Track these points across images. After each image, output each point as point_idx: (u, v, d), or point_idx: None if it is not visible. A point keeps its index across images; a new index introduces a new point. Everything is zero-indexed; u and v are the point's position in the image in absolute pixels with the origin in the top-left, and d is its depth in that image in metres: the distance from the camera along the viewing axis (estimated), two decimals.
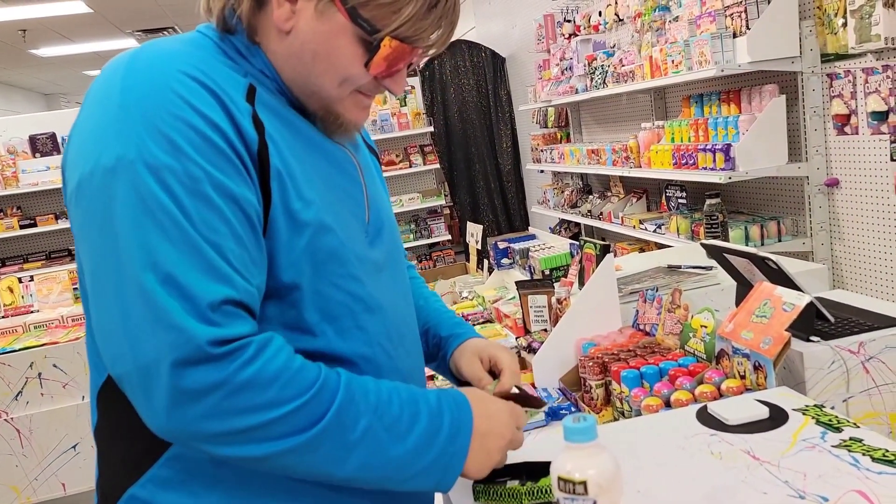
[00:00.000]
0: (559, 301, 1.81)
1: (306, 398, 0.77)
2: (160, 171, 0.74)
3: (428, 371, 2.07)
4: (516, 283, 1.94)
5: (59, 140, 5.96)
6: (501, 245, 2.58)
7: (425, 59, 0.93)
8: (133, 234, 0.73)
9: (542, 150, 5.25)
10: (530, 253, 2.38)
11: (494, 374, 1.13)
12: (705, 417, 1.15)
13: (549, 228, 5.60)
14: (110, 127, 0.76)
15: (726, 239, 2.31)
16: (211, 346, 0.72)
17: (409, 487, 0.84)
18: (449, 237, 6.94)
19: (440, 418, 0.85)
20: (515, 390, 1.11)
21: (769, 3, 2.71)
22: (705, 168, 3.00)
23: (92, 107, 0.79)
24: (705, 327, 1.44)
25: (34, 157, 5.89)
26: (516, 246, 2.54)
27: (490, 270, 2.66)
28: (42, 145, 5.92)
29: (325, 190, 0.89)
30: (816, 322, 1.39)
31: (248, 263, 0.79)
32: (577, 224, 5.08)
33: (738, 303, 1.64)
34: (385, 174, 6.69)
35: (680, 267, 2.03)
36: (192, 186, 0.74)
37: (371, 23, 0.83)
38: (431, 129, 6.68)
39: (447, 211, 7.27)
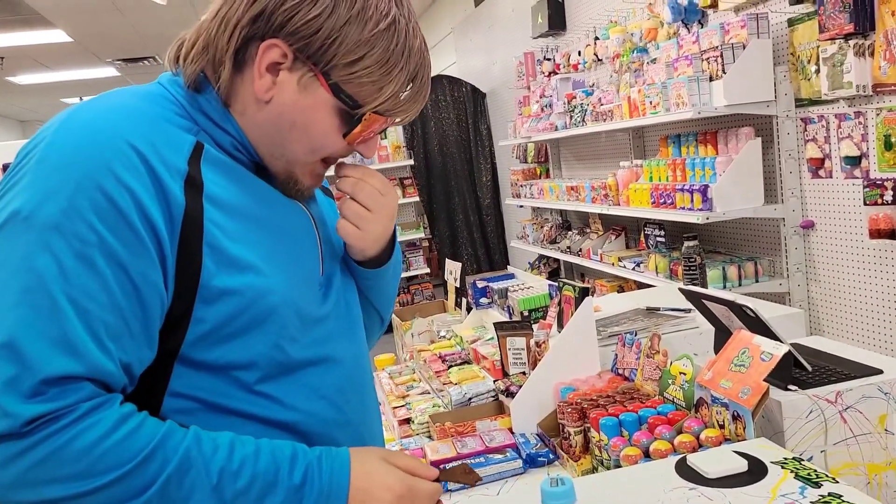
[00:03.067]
0: (538, 344, 1.80)
1: (125, 470, 0.73)
2: (49, 230, 0.72)
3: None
4: (494, 324, 1.93)
5: None
6: (480, 284, 2.57)
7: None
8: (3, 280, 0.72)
9: (521, 185, 5.28)
10: (509, 293, 2.37)
11: None
12: (685, 470, 1.13)
13: (529, 263, 5.61)
14: (22, 179, 0.75)
15: (704, 280, 2.33)
16: (24, 426, 0.70)
17: None
18: (427, 270, 6.93)
19: (301, 492, 0.79)
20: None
21: (744, 48, 2.77)
22: (683, 208, 3.03)
23: (20, 155, 0.79)
24: (684, 374, 1.43)
25: None
26: (495, 285, 2.53)
27: (468, 309, 2.65)
28: None
29: (274, 248, 0.87)
30: (794, 370, 1.39)
31: (124, 337, 0.75)
32: (557, 260, 5.09)
33: (716, 349, 1.64)
34: None
35: (659, 309, 2.03)
36: (80, 249, 0.72)
37: (354, 98, 0.85)
38: (412, 162, 6.70)
39: (426, 244, 7.27)
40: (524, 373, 1.86)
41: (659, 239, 3.57)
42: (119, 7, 6.37)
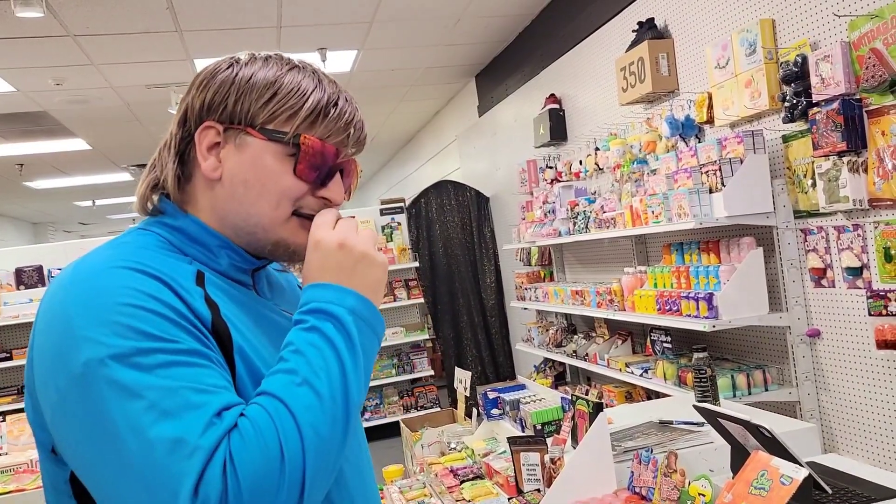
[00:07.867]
0: (553, 461, 1.79)
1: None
2: (127, 357, 0.74)
3: None
4: (508, 439, 1.92)
5: (46, 273, 5.97)
6: (491, 395, 2.57)
7: (351, 172, 0.99)
8: (127, 422, 0.73)
9: (526, 288, 5.33)
10: (521, 405, 2.37)
11: None
12: None
13: (534, 367, 5.59)
14: (66, 339, 0.77)
15: (716, 392, 2.33)
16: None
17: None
18: (431, 372, 6.88)
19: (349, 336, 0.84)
20: None
21: (741, 162, 2.88)
22: (689, 315, 3.06)
23: (44, 327, 0.80)
24: (703, 496, 1.42)
25: (18, 289, 5.86)
26: (506, 396, 2.53)
27: (479, 419, 2.63)
28: (28, 278, 5.91)
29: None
30: (813, 492, 1.39)
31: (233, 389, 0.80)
32: (563, 364, 5.08)
33: (733, 467, 1.63)
34: None
35: (672, 422, 2.03)
36: (164, 359, 0.75)
37: (282, 131, 0.90)
38: (416, 264, 6.79)
39: (430, 345, 7.23)
40: (539, 490, 1.84)
41: (666, 345, 3.58)
42: (138, 117, 6.64)
